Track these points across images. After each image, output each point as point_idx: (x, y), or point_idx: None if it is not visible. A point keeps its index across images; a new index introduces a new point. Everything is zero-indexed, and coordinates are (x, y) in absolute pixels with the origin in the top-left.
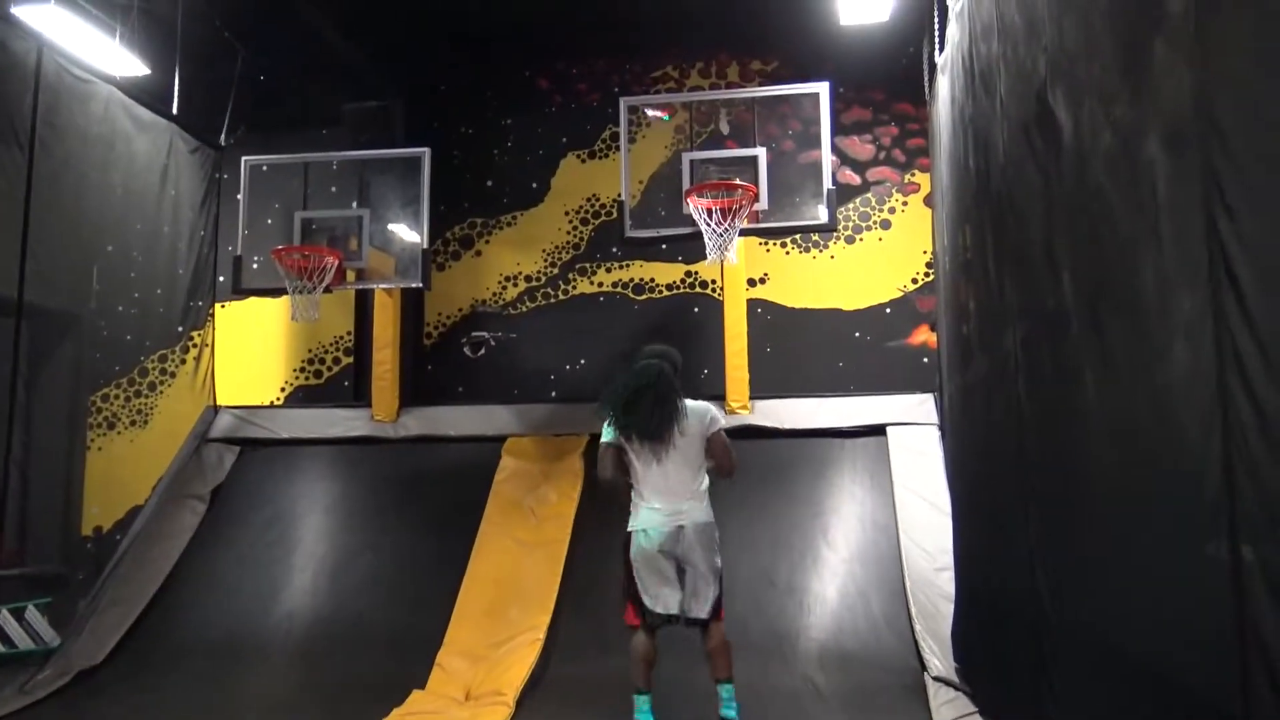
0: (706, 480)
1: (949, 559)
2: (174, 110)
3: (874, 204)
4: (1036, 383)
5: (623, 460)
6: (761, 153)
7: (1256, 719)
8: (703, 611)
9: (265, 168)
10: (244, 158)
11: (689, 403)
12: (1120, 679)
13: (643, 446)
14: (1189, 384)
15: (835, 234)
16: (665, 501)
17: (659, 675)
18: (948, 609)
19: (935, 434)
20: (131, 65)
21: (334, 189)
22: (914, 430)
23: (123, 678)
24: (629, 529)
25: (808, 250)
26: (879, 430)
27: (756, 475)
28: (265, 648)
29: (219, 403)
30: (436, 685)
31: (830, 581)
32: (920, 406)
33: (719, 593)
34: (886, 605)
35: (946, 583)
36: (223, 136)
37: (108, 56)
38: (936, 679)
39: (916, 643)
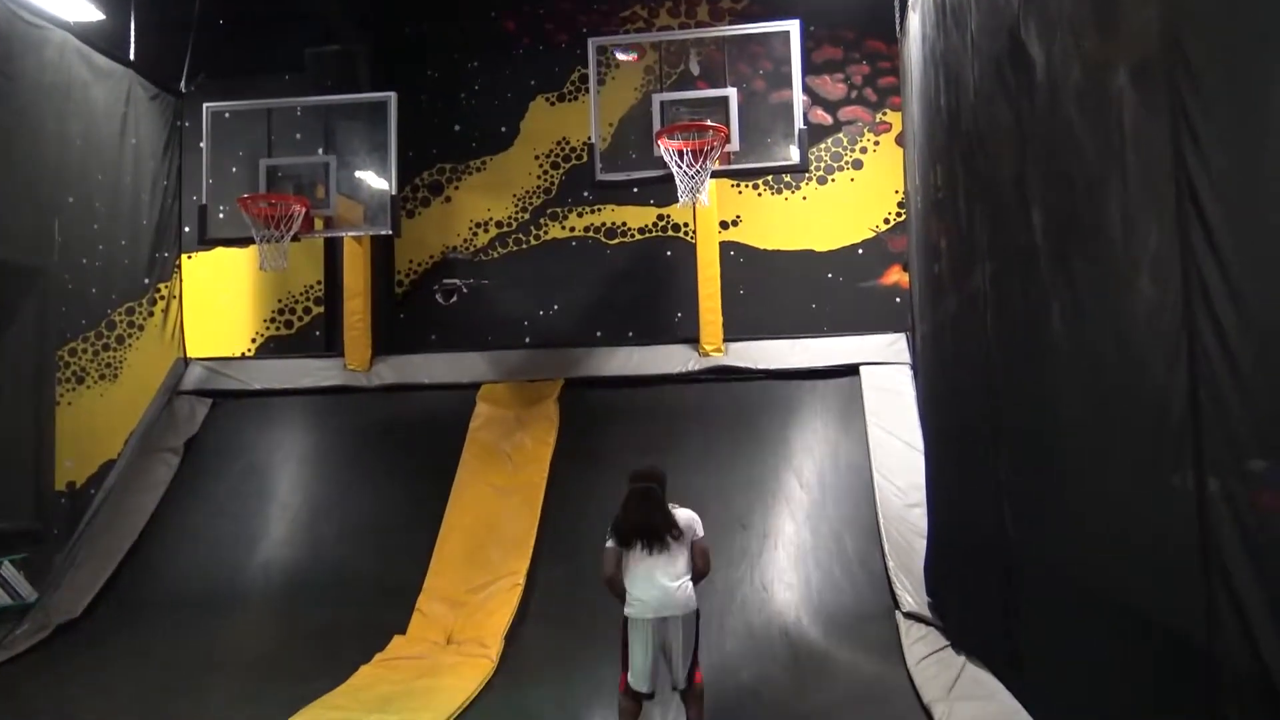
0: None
1: (922, 495)
2: (131, 56)
3: (846, 144)
4: (1006, 318)
5: (620, 562)
6: (732, 93)
7: (1220, 645)
8: (680, 683)
9: (228, 114)
10: (205, 104)
11: (677, 511)
12: (1086, 609)
13: (642, 550)
14: (1155, 317)
15: (807, 175)
16: (657, 593)
17: None
18: (920, 545)
19: (908, 373)
20: (85, 10)
21: (299, 135)
22: (887, 369)
23: (102, 630)
24: (625, 614)
25: (780, 192)
26: (852, 370)
27: (730, 417)
28: (245, 598)
29: (189, 355)
30: (418, 630)
31: (804, 522)
32: (892, 346)
33: (692, 664)
34: (860, 543)
35: (919, 519)
36: (183, 83)
37: (60, 0)
38: (909, 615)
39: (889, 579)
